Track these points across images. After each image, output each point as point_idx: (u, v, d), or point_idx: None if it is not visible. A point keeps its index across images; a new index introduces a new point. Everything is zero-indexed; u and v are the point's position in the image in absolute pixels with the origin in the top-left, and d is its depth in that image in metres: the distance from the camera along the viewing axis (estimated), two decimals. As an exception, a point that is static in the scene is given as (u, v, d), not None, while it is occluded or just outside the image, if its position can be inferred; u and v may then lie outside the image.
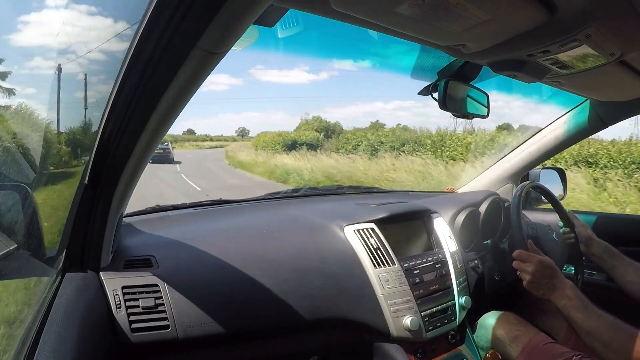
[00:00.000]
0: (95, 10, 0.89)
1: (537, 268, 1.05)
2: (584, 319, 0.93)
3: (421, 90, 1.07)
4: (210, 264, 0.98)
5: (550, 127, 1.57)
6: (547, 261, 1.06)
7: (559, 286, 1.01)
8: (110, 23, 0.85)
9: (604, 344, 0.89)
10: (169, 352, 0.86)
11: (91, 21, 0.94)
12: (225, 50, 0.54)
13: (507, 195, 1.70)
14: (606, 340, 0.89)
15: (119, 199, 0.78)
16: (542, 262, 1.06)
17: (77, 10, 1.04)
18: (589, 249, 1.26)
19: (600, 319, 0.92)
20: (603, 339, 0.89)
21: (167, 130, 0.69)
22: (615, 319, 0.92)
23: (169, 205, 1.32)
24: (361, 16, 0.64)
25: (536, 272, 1.05)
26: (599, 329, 0.90)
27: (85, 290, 0.78)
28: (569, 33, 0.70)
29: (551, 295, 1.01)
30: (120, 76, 0.59)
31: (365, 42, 1.19)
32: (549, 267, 1.05)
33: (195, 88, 0.59)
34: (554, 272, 1.04)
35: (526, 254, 1.10)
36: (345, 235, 1.15)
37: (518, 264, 1.10)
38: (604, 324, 0.91)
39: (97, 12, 0.89)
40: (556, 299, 1.00)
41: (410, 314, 1.10)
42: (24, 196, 0.83)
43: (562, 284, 1.01)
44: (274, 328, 0.97)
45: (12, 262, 0.75)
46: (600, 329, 0.90)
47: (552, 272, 1.04)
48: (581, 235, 1.29)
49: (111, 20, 0.83)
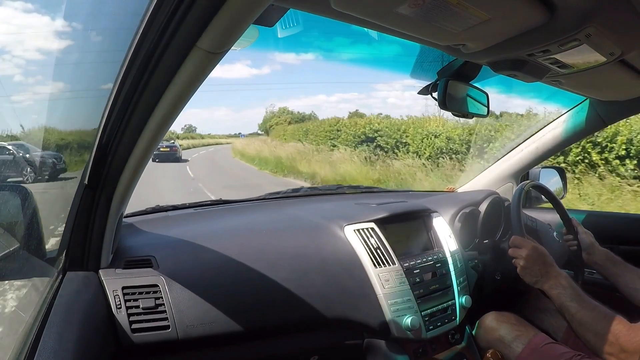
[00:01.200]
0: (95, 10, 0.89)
1: (530, 253, 1.05)
2: (578, 309, 0.92)
3: (421, 89, 1.07)
4: (210, 264, 0.98)
5: (550, 126, 1.57)
6: (541, 248, 1.06)
7: (553, 274, 1.01)
8: (110, 23, 0.85)
9: (596, 334, 0.88)
10: (169, 353, 0.86)
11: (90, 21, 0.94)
12: (225, 50, 0.53)
13: (507, 194, 1.70)
14: (599, 330, 0.88)
15: (119, 199, 0.78)
16: (536, 247, 1.06)
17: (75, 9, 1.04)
18: (591, 257, 1.25)
19: (595, 310, 0.91)
20: (595, 329, 0.88)
21: (167, 130, 0.69)
22: (609, 310, 0.91)
23: (169, 205, 1.32)
24: (361, 16, 0.64)
25: (530, 256, 1.05)
26: (592, 320, 0.89)
27: (86, 291, 0.78)
28: (569, 32, 0.70)
29: (545, 283, 1.01)
30: (120, 76, 0.59)
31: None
32: (543, 253, 1.05)
33: (195, 88, 0.59)
34: (548, 259, 1.04)
35: (521, 239, 1.10)
36: (345, 235, 1.15)
37: (513, 250, 1.11)
38: (598, 314, 0.90)
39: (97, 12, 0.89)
40: (550, 287, 0.99)
41: (410, 314, 1.10)
42: (24, 196, 0.83)
43: (556, 272, 1.01)
44: (274, 328, 0.98)
45: (12, 262, 0.75)
46: (594, 320, 0.89)
47: (546, 259, 1.04)
48: (584, 243, 1.27)
49: (111, 19, 0.83)
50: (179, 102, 0.60)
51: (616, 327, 0.85)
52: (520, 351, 1.14)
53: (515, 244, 1.11)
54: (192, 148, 34.70)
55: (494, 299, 1.38)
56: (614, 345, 0.84)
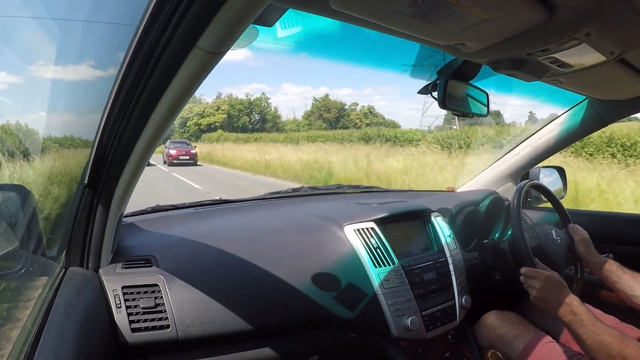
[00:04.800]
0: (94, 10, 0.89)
1: (544, 284, 1.04)
2: (590, 334, 0.92)
3: (421, 89, 1.07)
4: (210, 263, 0.98)
5: (550, 125, 1.57)
6: (555, 277, 1.05)
7: (567, 302, 1.00)
8: (110, 22, 0.85)
9: (608, 356, 0.88)
10: (169, 352, 0.86)
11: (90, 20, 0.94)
12: (225, 50, 0.54)
13: (507, 194, 1.70)
14: (610, 353, 0.88)
15: (119, 199, 0.78)
16: (549, 278, 1.05)
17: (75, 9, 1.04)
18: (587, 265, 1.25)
19: (605, 332, 0.91)
20: (607, 352, 0.88)
21: (168, 130, 0.69)
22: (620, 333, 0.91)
23: (169, 205, 1.32)
24: (360, 15, 0.64)
25: (543, 288, 1.04)
26: (604, 342, 0.89)
27: (86, 290, 0.78)
28: (569, 32, 0.69)
29: (558, 310, 1.00)
30: (119, 76, 0.59)
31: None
32: (557, 283, 1.04)
33: (195, 88, 0.59)
34: (562, 287, 1.03)
35: (532, 271, 1.09)
36: (345, 235, 1.15)
37: (525, 279, 1.10)
38: (609, 336, 0.90)
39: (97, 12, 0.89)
40: (563, 314, 0.99)
41: (410, 314, 1.10)
42: (23, 196, 0.83)
43: (569, 299, 1.00)
44: (274, 328, 0.97)
45: (12, 262, 0.75)
46: (605, 342, 0.89)
47: (560, 287, 1.03)
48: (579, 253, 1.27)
49: (111, 19, 0.83)
50: (179, 102, 0.60)
51: (625, 349, 0.86)
52: (520, 350, 1.14)
53: (528, 275, 1.09)
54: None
55: (494, 298, 1.38)
56: None
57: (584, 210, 1.71)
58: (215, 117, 38.21)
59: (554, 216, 1.45)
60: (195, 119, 38.55)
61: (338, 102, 40.22)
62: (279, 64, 75.29)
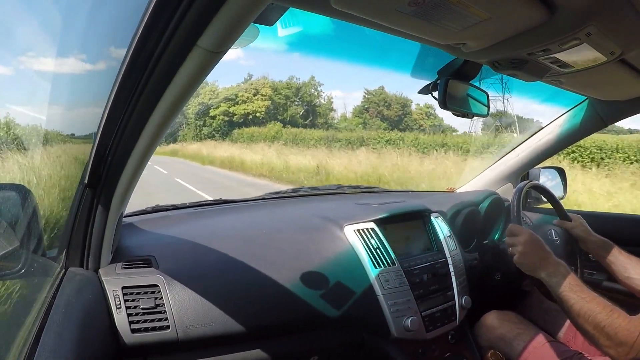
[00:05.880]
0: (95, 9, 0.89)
1: (527, 239, 1.02)
2: (576, 300, 0.90)
3: (421, 89, 1.07)
4: (210, 264, 0.97)
5: (550, 126, 1.57)
6: (538, 236, 1.03)
7: (552, 262, 0.97)
8: (110, 22, 0.85)
9: (595, 326, 0.86)
10: (169, 353, 0.86)
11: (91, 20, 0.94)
12: (226, 49, 0.53)
13: (506, 194, 1.70)
14: (598, 322, 0.85)
15: (119, 199, 0.78)
16: (533, 234, 1.03)
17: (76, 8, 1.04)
18: (586, 245, 1.24)
19: (594, 301, 0.88)
20: (594, 321, 0.86)
21: (168, 130, 0.68)
22: (608, 302, 0.88)
23: (169, 205, 1.32)
24: (361, 15, 0.64)
25: (527, 242, 1.01)
26: (591, 311, 0.87)
27: (85, 291, 0.78)
28: (569, 32, 0.69)
29: (543, 271, 0.97)
30: (120, 75, 0.58)
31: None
32: (540, 240, 1.02)
33: (195, 87, 0.59)
34: (545, 247, 1.01)
35: (517, 227, 1.07)
36: (345, 235, 1.15)
37: (510, 238, 1.07)
38: (598, 305, 0.87)
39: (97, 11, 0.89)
40: (548, 275, 0.96)
41: (410, 314, 1.10)
42: (24, 196, 0.83)
43: (555, 260, 0.98)
44: (274, 328, 0.97)
45: (12, 262, 0.75)
46: (593, 311, 0.87)
47: (543, 246, 1.01)
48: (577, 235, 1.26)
49: (111, 19, 0.83)
50: (179, 101, 0.60)
51: (616, 320, 0.83)
52: (520, 350, 1.14)
53: (512, 231, 1.07)
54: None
55: (494, 299, 1.38)
56: (613, 338, 0.83)
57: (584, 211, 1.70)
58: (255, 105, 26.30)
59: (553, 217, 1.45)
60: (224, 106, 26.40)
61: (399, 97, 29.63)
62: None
